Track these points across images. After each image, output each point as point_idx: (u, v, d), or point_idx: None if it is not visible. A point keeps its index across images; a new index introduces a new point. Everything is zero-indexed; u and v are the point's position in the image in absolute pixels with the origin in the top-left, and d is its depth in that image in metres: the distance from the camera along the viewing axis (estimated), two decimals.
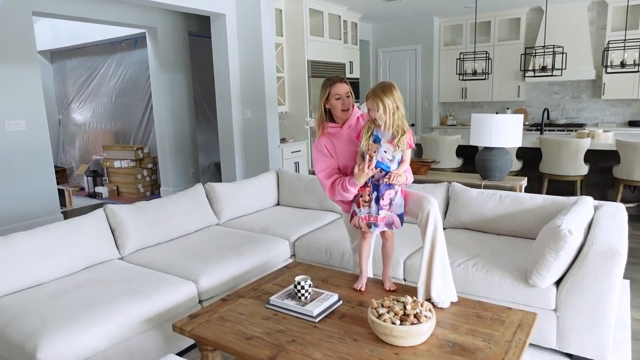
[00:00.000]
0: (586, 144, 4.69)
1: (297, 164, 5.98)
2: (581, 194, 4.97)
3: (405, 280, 2.79)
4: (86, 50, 7.80)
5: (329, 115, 2.38)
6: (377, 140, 2.14)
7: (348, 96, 2.32)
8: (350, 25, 7.24)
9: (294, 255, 3.27)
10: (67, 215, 5.85)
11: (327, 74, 6.40)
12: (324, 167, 2.36)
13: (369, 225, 2.19)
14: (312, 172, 4.46)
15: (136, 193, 6.70)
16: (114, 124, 7.66)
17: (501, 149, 3.58)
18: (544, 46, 5.49)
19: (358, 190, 2.22)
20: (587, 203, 2.71)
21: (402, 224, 2.23)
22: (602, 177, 5.08)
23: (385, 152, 2.14)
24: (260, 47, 5.41)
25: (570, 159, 4.75)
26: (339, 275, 2.47)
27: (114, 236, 2.95)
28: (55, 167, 8.37)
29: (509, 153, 3.59)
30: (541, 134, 5.87)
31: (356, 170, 2.16)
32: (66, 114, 8.44)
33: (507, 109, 7.78)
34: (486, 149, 3.60)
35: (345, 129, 2.33)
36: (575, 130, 6.61)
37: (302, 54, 6.06)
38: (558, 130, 6.84)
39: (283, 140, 6.05)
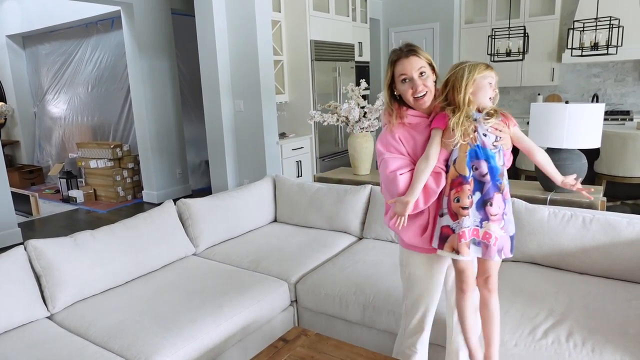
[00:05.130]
0: None
1: (299, 163, 5.09)
2: None
3: None
4: (59, 34, 6.88)
5: (404, 103, 1.60)
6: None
7: (422, 74, 1.53)
8: (359, 0, 6.28)
9: (296, 301, 2.40)
10: (29, 226, 5.00)
11: (333, 57, 5.46)
12: (399, 165, 1.56)
13: (469, 244, 1.49)
14: (319, 179, 3.57)
15: (115, 197, 5.84)
16: (90, 118, 6.76)
17: (573, 151, 2.67)
18: (595, 19, 4.53)
19: (452, 189, 1.50)
20: None
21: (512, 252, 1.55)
22: None
23: (485, 135, 1.50)
24: (253, 25, 4.48)
25: (637, 157, 3.84)
26: None
27: (39, 286, 2.08)
28: (31, 166, 7.53)
29: (583, 157, 2.68)
30: None
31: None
32: (41, 106, 7.55)
33: (538, 94, 6.83)
34: (551, 150, 2.69)
35: (431, 120, 1.60)
36: (625, 120, 5.67)
37: (304, 33, 5.12)
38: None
39: (282, 136, 5.15)
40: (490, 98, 1.54)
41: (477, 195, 1.49)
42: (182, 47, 6.04)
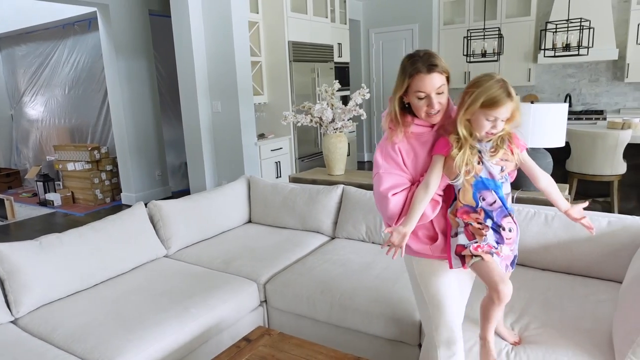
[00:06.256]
0: (627, 136, 3.87)
1: (278, 164, 5.10)
2: (617, 197, 4.15)
3: None
4: (36, 35, 6.80)
5: (408, 109, 1.52)
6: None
7: (440, 93, 1.44)
8: (338, 1, 6.31)
9: (266, 301, 2.41)
10: (4, 230, 4.93)
11: (312, 58, 5.48)
12: (393, 184, 1.50)
13: (490, 253, 1.46)
14: (294, 180, 3.59)
15: (94, 200, 5.78)
16: (68, 120, 6.69)
17: (538, 150, 2.73)
18: (567, 20, 4.62)
19: (462, 217, 1.48)
20: None
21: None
22: None
23: (492, 166, 1.45)
24: (230, 26, 4.48)
25: (606, 156, 3.93)
26: None
27: (3, 290, 2.06)
28: (8, 169, 7.42)
29: (548, 155, 2.74)
30: None
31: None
32: (18, 108, 7.45)
33: (516, 94, 6.92)
34: None
35: (435, 131, 1.53)
36: (598, 119, 5.79)
37: (282, 34, 5.14)
38: (575, 119, 6.01)
39: (261, 137, 5.16)
40: (487, 133, 1.40)
41: (489, 221, 1.45)
42: (161, 49, 6.01)
